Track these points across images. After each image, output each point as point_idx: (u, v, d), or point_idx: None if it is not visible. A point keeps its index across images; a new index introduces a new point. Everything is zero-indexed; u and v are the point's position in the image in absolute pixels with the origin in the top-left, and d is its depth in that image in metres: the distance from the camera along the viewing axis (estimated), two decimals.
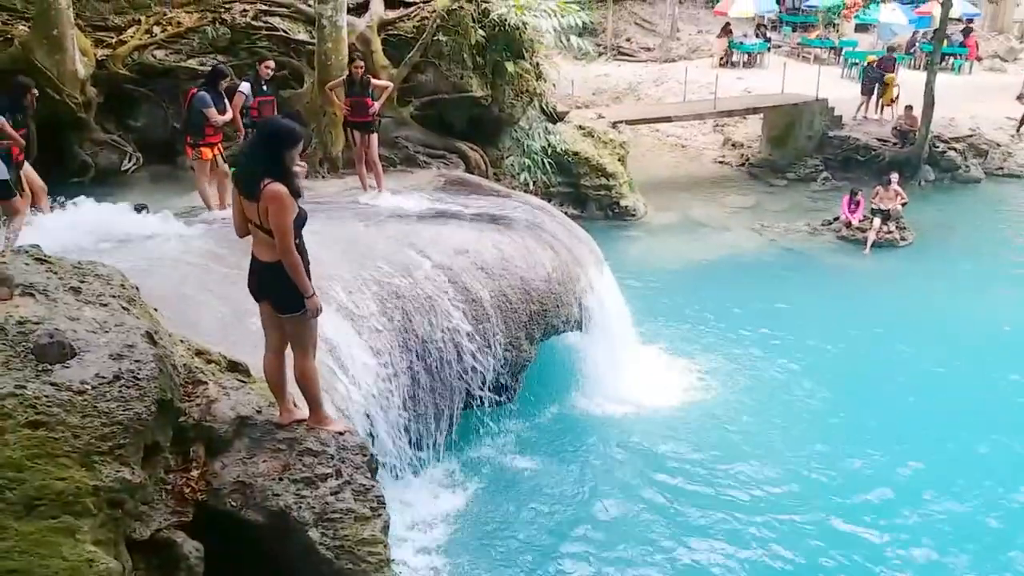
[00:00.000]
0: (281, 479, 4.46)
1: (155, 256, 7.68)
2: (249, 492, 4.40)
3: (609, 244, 12.88)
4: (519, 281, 8.63)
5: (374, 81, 10.54)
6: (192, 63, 12.45)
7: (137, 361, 4.18)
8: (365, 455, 4.71)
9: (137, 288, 5.06)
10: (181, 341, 5.21)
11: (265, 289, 4.65)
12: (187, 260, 7.70)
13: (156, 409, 4.14)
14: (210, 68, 9.95)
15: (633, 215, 16.20)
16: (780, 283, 13.59)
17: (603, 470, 8.37)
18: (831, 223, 16.12)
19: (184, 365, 4.88)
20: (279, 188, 4.31)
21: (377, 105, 10.25)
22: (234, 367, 5.35)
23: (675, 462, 8.50)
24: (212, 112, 8.90)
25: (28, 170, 8.09)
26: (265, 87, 9.94)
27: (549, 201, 13.13)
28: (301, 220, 4.49)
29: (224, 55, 12.63)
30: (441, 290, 7.93)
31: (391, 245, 8.39)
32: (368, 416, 6.77)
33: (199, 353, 5.25)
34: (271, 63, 10.21)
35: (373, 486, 4.51)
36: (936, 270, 14.31)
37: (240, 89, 9.64)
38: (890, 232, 15.45)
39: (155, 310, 5.16)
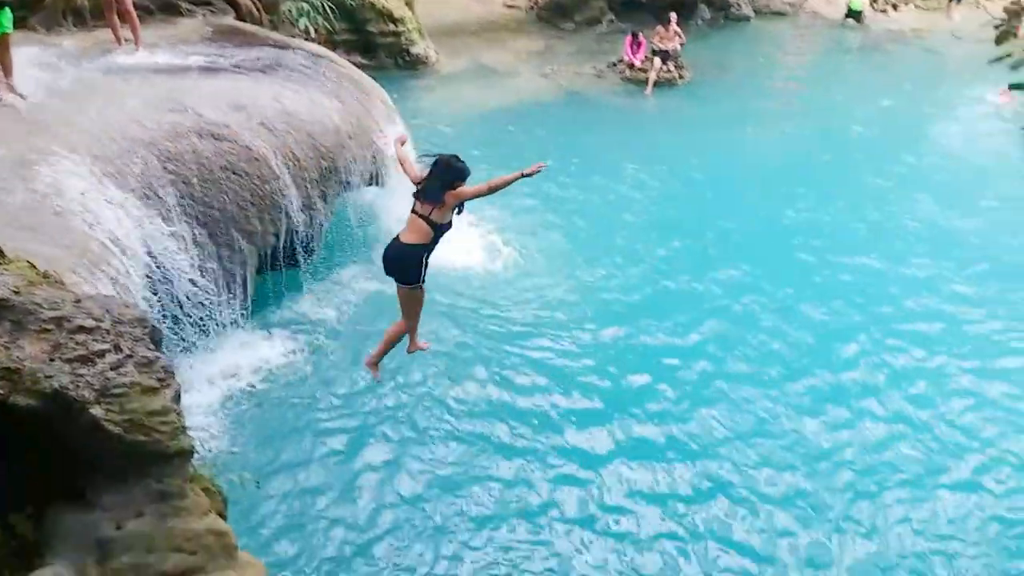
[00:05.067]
0: (52, 360, 4.14)
1: None
2: (16, 378, 4.05)
3: (401, 93, 12.57)
4: (306, 136, 8.25)
5: None
6: None
7: None
8: (145, 327, 4.45)
9: None
10: None
11: (398, 268, 5.73)
12: None
13: None
14: None
15: (424, 63, 15.78)
16: (569, 127, 13.99)
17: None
18: (615, 65, 16.58)
19: None
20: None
21: None
22: None
23: (480, 315, 8.72)
24: None
25: None
26: None
27: (333, 50, 12.41)
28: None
29: None
30: (220, 151, 7.43)
31: (157, 104, 7.66)
32: (152, 289, 6.41)
33: None
34: None
35: (158, 357, 4.28)
36: (711, 106, 15.30)
37: None
38: (669, 72, 16.16)
39: None
